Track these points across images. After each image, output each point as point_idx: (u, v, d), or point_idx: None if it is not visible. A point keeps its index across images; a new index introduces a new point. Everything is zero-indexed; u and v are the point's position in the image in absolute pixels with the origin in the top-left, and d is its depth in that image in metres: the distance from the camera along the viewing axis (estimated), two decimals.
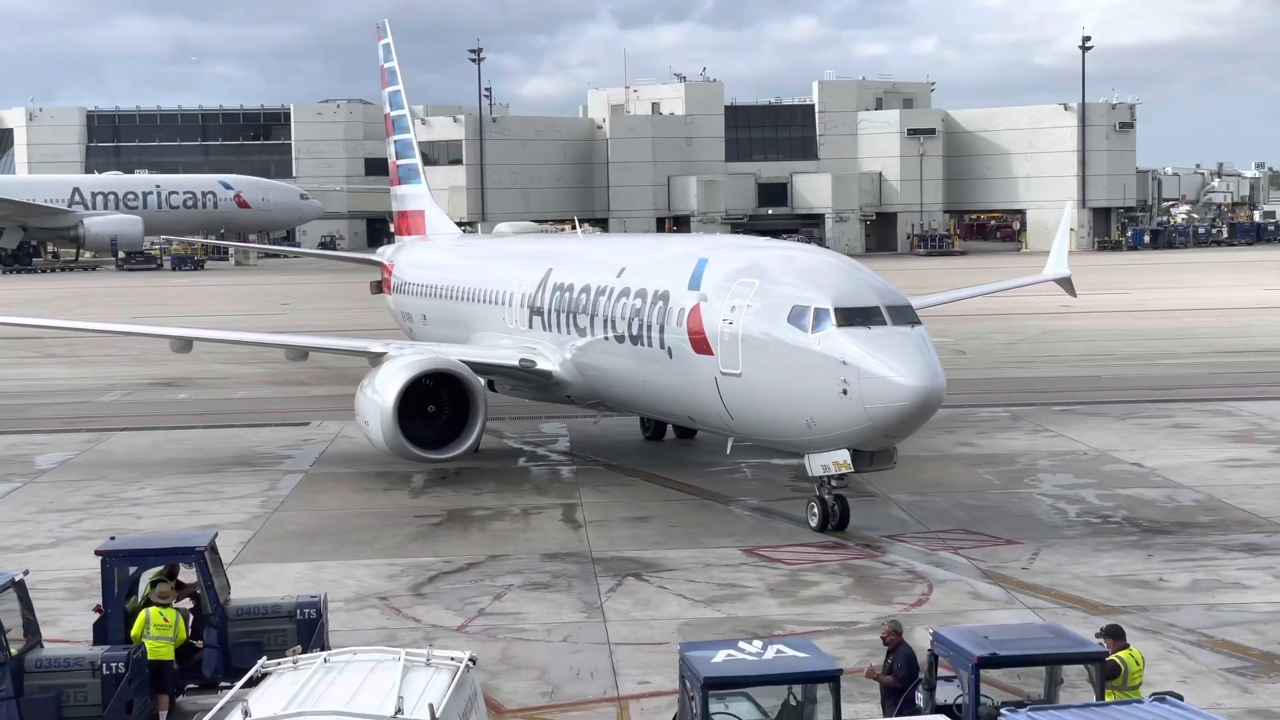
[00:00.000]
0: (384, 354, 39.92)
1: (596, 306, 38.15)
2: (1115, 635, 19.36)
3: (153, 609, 21.42)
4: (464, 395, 37.37)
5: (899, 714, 18.37)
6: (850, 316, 30.00)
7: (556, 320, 40.43)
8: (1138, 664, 18.94)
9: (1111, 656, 18.67)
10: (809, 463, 31.16)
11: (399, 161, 64.56)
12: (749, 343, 31.43)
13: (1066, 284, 53.99)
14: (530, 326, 42.06)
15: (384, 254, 61.52)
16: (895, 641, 19.32)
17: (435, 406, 37.59)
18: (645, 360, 35.66)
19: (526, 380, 41.63)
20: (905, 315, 30.53)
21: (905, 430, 30.50)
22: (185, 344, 47.04)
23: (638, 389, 37.05)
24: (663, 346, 34.57)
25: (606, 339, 37.65)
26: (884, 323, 30.03)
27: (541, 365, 40.33)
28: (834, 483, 31.28)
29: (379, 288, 60.10)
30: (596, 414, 42.06)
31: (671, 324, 34.17)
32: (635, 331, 35.89)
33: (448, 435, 37.21)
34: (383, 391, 36.67)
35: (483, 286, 47.01)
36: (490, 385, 40.83)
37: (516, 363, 40.74)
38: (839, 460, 30.38)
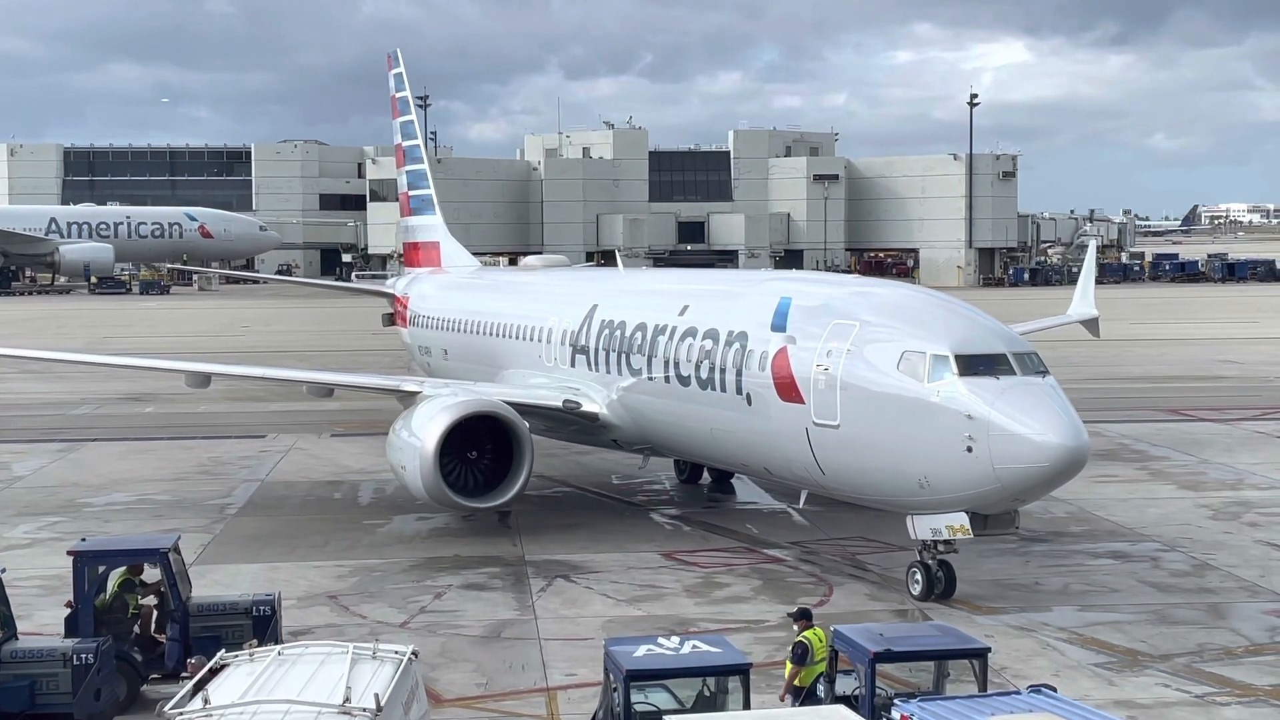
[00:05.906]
0: (418, 393, 35.20)
1: (655, 347, 32.79)
2: (804, 617, 19.45)
3: None
4: (506, 437, 32.27)
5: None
6: (973, 364, 25.00)
7: (605, 359, 35.12)
8: (821, 642, 18.65)
9: (799, 637, 18.81)
10: (914, 525, 25.96)
11: (411, 192, 57.74)
12: (850, 391, 26.13)
13: (1093, 325, 47.98)
14: (573, 365, 36.64)
15: (396, 286, 55.81)
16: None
17: (475, 450, 32.48)
18: (716, 406, 30.29)
19: (568, 422, 36.17)
20: (1033, 364, 25.63)
21: (1039, 494, 26.17)
22: (203, 379, 40.57)
23: (704, 436, 31.67)
24: (740, 392, 29.26)
25: (667, 381, 32.20)
26: (1012, 372, 25.09)
27: (587, 407, 35.01)
28: (941, 547, 26.12)
29: (391, 320, 54.34)
30: (642, 458, 36.55)
31: (752, 368, 28.83)
32: (704, 375, 30.57)
33: (489, 480, 32.35)
34: (421, 435, 31.65)
35: (515, 321, 41.09)
36: None
37: (560, 404, 35.35)
38: (955, 524, 25.48)
